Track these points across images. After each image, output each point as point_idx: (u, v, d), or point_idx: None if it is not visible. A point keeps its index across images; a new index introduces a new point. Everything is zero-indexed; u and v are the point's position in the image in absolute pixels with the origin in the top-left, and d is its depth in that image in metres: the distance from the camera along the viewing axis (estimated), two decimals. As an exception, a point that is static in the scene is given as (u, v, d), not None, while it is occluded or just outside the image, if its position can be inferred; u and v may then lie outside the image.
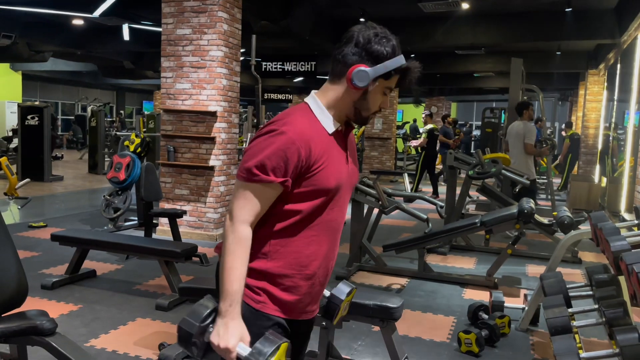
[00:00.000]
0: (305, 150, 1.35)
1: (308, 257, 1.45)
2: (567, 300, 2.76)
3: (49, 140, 10.46)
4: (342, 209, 1.52)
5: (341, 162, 1.47)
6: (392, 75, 1.40)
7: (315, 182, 1.39)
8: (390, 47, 1.39)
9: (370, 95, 1.42)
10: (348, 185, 1.51)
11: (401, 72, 1.41)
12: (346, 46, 1.40)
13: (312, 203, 1.41)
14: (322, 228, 1.46)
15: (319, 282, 1.51)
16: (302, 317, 1.52)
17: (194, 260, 5.00)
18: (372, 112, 1.46)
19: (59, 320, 3.44)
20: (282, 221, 1.42)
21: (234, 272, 1.35)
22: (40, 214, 7.20)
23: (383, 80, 1.40)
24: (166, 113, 6.09)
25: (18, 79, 17.42)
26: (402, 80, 1.44)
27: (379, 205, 4.71)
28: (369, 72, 1.37)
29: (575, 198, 8.96)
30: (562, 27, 8.46)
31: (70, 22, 9.59)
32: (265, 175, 1.35)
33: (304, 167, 1.37)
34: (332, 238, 1.50)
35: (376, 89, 1.42)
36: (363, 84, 1.38)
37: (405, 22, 9.29)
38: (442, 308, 4.06)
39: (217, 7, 5.73)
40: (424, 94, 19.46)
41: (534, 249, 6.08)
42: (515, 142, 6.23)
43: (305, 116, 1.43)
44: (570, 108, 17.81)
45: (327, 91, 1.46)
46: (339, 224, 1.53)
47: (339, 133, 1.47)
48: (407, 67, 1.40)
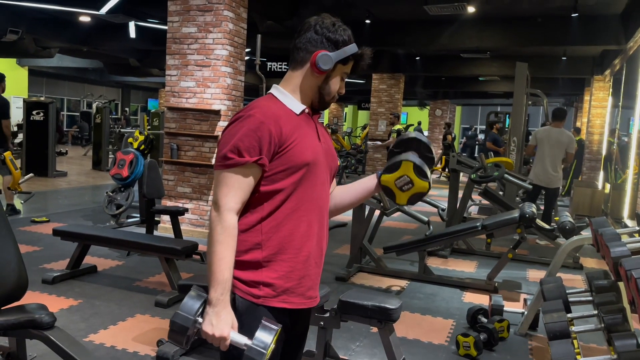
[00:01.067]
0: (275, 128, 1.41)
1: (301, 238, 1.48)
2: (567, 306, 2.76)
3: (53, 136, 10.50)
4: (324, 187, 1.55)
5: (313, 138, 1.52)
6: (349, 61, 1.51)
7: (292, 157, 1.44)
8: (347, 34, 1.50)
9: (331, 79, 1.52)
10: (326, 164, 1.56)
11: (356, 58, 1.52)
12: (306, 34, 1.50)
13: (292, 179, 1.45)
14: (308, 208, 1.49)
15: (315, 262, 1.53)
16: (303, 306, 1.52)
17: (194, 258, 5.00)
18: (333, 96, 1.56)
19: (58, 314, 3.46)
20: (269, 205, 1.45)
21: (224, 261, 1.38)
22: (43, 209, 7.22)
23: (341, 65, 1.51)
24: (170, 111, 6.10)
25: (24, 75, 17.50)
26: (356, 66, 1.55)
27: (380, 206, 4.71)
28: (332, 56, 1.47)
29: (578, 204, 8.94)
30: (568, 32, 8.45)
31: (77, 18, 9.63)
32: (240, 157, 1.39)
33: (276, 144, 1.41)
34: (320, 217, 1.53)
35: (335, 74, 1.52)
36: (327, 67, 1.47)
37: (410, 24, 9.29)
38: (442, 311, 4.06)
39: (223, 6, 5.74)
40: (429, 97, 19.46)
41: (535, 253, 6.07)
42: (556, 149, 6.07)
43: (271, 101, 1.50)
44: (575, 114, 17.76)
45: (290, 79, 1.54)
46: (325, 202, 1.57)
47: (306, 115, 1.53)
48: (361, 53, 1.52)
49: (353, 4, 8.09)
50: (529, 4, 7.90)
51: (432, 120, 20.58)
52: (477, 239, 6.18)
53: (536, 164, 6.21)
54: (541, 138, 6.19)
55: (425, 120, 21.94)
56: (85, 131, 19.27)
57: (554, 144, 6.08)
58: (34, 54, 12.03)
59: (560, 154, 6.08)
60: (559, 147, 6.07)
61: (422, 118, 22.90)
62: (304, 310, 1.55)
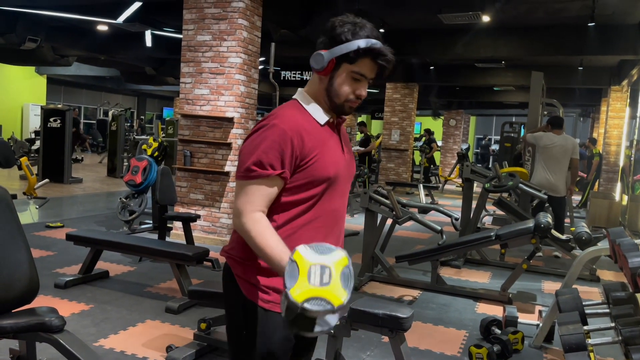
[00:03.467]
0: (298, 140, 1.37)
1: None
2: (583, 318, 2.70)
3: (70, 143, 10.63)
4: (343, 199, 1.53)
5: (337, 151, 1.49)
6: (356, 59, 1.40)
7: (314, 171, 1.40)
8: (351, 32, 1.39)
9: (336, 80, 1.43)
10: (346, 175, 1.53)
11: (367, 55, 1.40)
12: (321, 36, 1.46)
13: (312, 192, 1.43)
14: (326, 218, 1.47)
15: None
16: None
17: (205, 265, 5.01)
18: (345, 99, 1.45)
19: (69, 319, 3.47)
20: (286, 214, 1.43)
21: (271, 245, 1.32)
22: (58, 215, 7.29)
23: (347, 64, 1.41)
24: (184, 118, 6.14)
25: (43, 83, 17.79)
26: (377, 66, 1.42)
27: (392, 215, 4.67)
28: (324, 54, 1.41)
29: (595, 215, 8.79)
30: (584, 41, 8.35)
31: (95, 27, 9.78)
32: (264, 170, 1.36)
33: (298, 157, 1.38)
34: (336, 228, 1.52)
35: (342, 74, 1.43)
36: (318, 66, 1.41)
37: (425, 33, 9.28)
38: (454, 321, 3.99)
39: (238, 14, 5.78)
40: (443, 106, 19.37)
41: (550, 265, 5.96)
42: (560, 156, 5.86)
43: (296, 109, 1.46)
44: (592, 125, 17.56)
45: (310, 83, 1.51)
46: (342, 214, 1.54)
47: (331, 124, 1.50)
48: (370, 49, 1.39)
49: (367, 13, 8.09)
50: (544, 13, 7.84)
51: (446, 130, 20.48)
52: (491, 249, 6.09)
53: (538, 172, 5.92)
54: (545, 145, 5.88)
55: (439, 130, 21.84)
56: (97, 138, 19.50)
57: (560, 150, 5.85)
58: (53, 62, 12.23)
59: (565, 161, 5.87)
60: (564, 154, 5.85)
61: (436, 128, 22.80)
62: None
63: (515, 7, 7.38)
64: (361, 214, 7.69)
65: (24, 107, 17.24)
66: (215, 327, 3.12)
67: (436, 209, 5.02)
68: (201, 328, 3.09)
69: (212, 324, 3.10)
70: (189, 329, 3.46)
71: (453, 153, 19.59)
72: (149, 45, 9.93)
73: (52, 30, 9.97)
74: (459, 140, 20.37)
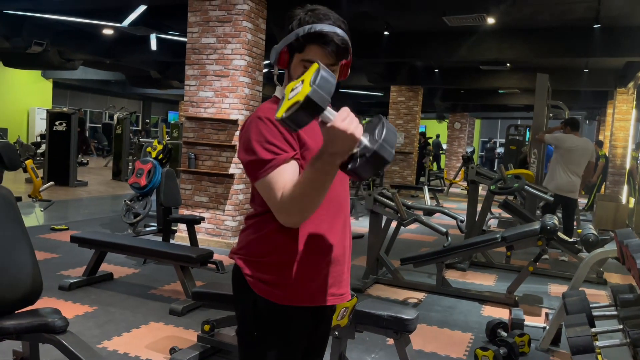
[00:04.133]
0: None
1: (322, 236, 1.44)
2: (590, 320, 2.66)
3: (75, 146, 10.67)
4: (343, 184, 1.51)
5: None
6: (303, 47, 1.36)
7: (310, 154, 1.37)
8: (297, 21, 1.37)
9: (292, 71, 1.41)
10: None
11: (314, 41, 1.35)
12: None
13: None
14: (328, 206, 1.43)
15: (337, 260, 1.48)
16: (330, 302, 1.48)
17: (209, 267, 4.99)
18: None
19: (73, 321, 3.46)
20: None
21: (305, 178, 1.25)
22: (64, 217, 7.31)
23: (298, 54, 1.38)
24: (189, 120, 6.15)
25: (49, 87, 17.89)
26: (326, 49, 1.35)
27: (397, 217, 4.65)
28: (276, 47, 1.40)
29: (602, 218, 8.73)
30: (590, 43, 8.31)
31: (100, 31, 9.82)
32: (276, 155, 1.32)
33: (295, 139, 1.37)
34: (341, 214, 1.50)
35: (295, 64, 1.40)
36: (272, 60, 1.41)
37: (429, 36, 9.25)
38: (460, 324, 3.96)
39: (242, 17, 5.79)
40: (447, 109, 19.34)
41: (557, 267, 5.92)
42: (582, 159, 5.91)
43: (274, 103, 1.46)
44: (598, 127, 17.47)
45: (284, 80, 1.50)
46: (345, 200, 1.52)
47: None
48: (308, 35, 1.34)
49: (371, 16, 8.09)
50: (549, 15, 7.81)
51: (451, 133, 20.43)
52: (497, 252, 6.05)
53: (558, 174, 5.87)
54: (569, 147, 5.85)
55: (444, 133, 21.78)
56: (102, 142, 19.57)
57: (582, 153, 5.88)
58: (58, 66, 12.28)
59: (584, 164, 5.93)
60: (585, 157, 5.91)
61: (440, 131, 22.77)
62: (328, 309, 1.51)
63: (520, 10, 7.36)
64: (366, 217, 7.67)
65: (30, 110, 17.34)
66: (219, 329, 3.10)
67: (441, 211, 4.99)
68: (205, 330, 3.08)
69: (215, 326, 3.08)
70: (192, 331, 3.45)
71: (458, 156, 19.53)
72: (154, 49, 9.96)
73: (57, 34, 10.02)
74: (464, 143, 20.31)
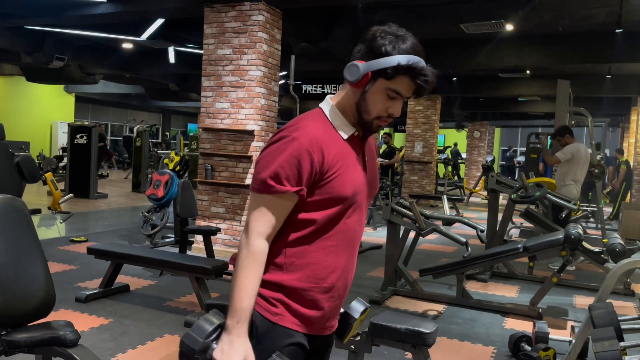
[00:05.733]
0: (318, 156, 1.29)
1: (326, 268, 1.37)
2: (619, 333, 2.54)
3: (95, 159, 10.81)
4: (360, 218, 1.43)
5: (357, 168, 1.39)
6: (394, 76, 1.29)
7: (331, 189, 1.32)
8: (392, 45, 1.29)
9: (369, 95, 1.33)
10: (366, 194, 1.43)
11: (408, 74, 1.29)
12: (357, 45, 1.35)
13: (328, 212, 1.34)
14: (339, 238, 1.37)
15: (338, 295, 1.42)
16: (321, 333, 1.43)
17: (225, 279, 4.95)
18: (375, 116, 1.35)
19: (88, 333, 3.45)
20: (297, 231, 1.35)
21: (245, 289, 1.29)
22: (83, 229, 7.37)
23: (384, 80, 1.30)
24: (205, 131, 6.16)
25: (71, 101, 18.24)
26: (416, 86, 1.32)
27: (415, 227, 4.56)
28: (360, 66, 1.30)
29: (628, 227, 8.47)
30: (612, 49, 8.14)
31: (120, 45, 9.98)
32: (280, 185, 1.29)
33: (317, 173, 1.30)
34: (350, 249, 1.42)
35: (376, 90, 1.32)
36: (353, 78, 1.31)
37: (446, 44, 9.17)
38: (481, 337, 3.84)
39: (258, 28, 5.80)
40: (467, 118, 19.15)
41: (582, 278, 5.74)
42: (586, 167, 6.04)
43: (318, 120, 1.36)
44: (622, 134, 17.10)
45: (339, 93, 1.41)
46: (357, 234, 1.44)
47: (355, 138, 1.40)
48: (409, 67, 1.28)
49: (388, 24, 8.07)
50: (570, 21, 7.66)
51: (470, 142, 20.23)
52: (519, 262, 5.90)
53: (573, 184, 5.92)
54: (585, 155, 5.92)
55: (463, 142, 21.57)
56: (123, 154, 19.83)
57: (585, 161, 6.00)
58: (80, 80, 12.51)
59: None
60: (587, 164, 6.02)
61: (460, 140, 22.55)
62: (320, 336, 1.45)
63: (540, 15, 7.23)
64: (384, 227, 7.57)
65: (53, 124, 17.68)
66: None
67: (461, 221, 4.89)
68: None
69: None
70: (207, 343, 3.40)
71: (478, 165, 19.29)
72: (172, 62, 10.07)
73: (78, 48, 10.21)
74: (484, 152, 20.08)
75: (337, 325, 1.52)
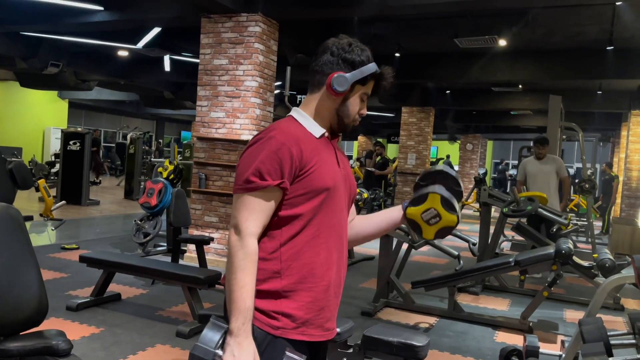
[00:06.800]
0: (296, 150, 1.37)
1: (321, 266, 1.42)
2: (608, 349, 2.58)
3: (88, 166, 10.76)
4: (343, 214, 1.50)
5: (333, 164, 1.48)
6: (368, 81, 1.48)
7: (311, 181, 1.39)
8: (365, 55, 1.47)
9: (350, 101, 1.48)
10: (345, 189, 1.51)
11: (376, 78, 1.49)
12: (322, 56, 1.47)
13: (312, 204, 1.40)
14: (328, 234, 1.44)
15: (334, 292, 1.47)
16: (322, 338, 1.46)
17: (218, 289, 4.94)
18: (353, 118, 1.51)
19: (79, 342, 3.43)
20: (288, 231, 1.40)
21: (246, 289, 1.33)
22: (75, 236, 7.33)
23: (360, 85, 1.48)
24: (200, 141, 6.17)
25: (64, 107, 18.18)
26: (377, 86, 1.51)
27: (408, 239, 4.59)
28: (348, 77, 1.44)
29: (618, 242, 8.55)
30: (603, 65, 8.27)
31: (115, 52, 9.98)
32: (262, 180, 1.35)
33: (297, 167, 1.38)
34: (339, 244, 1.48)
35: (354, 95, 1.48)
36: (343, 88, 1.43)
37: (441, 57, 9.27)
38: (472, 350, 3.86)
39: (254, 38, 5.84)
40: (459, 130, 19.30)
41: (572, 293, 5.78)
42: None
43: (291, 123, 1.47)
44: (612, 149, 17.29)
45: (308, 102, 1.50)
46: (344, 230, 1.51)
47: (325, 139, 1.50)
48: (381, 73, 1.48)
49: (383, 37, 8.14)
50: (562, 37, 7.80)
51: (462, 155, 20.34)
52: (511, 275, 5.94)
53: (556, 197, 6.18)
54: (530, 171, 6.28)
55: (455, 155, 21.70)
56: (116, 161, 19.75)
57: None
58: (74, 87, 12.49)
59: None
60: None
61: (452, 152, 22.68)
62: (322, 342, 1.47)
63: (533, 31, 7.35)
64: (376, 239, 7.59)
65: (45, 130, 17.60)
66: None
67: (453, 234, 4.91)
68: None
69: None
70: (199, 354, 3.39)
71: (470, 177, 19.39)
72: (168, 70, 10.10)
73: (73, 55, 10.21)
74: (476, 164, 20.19)
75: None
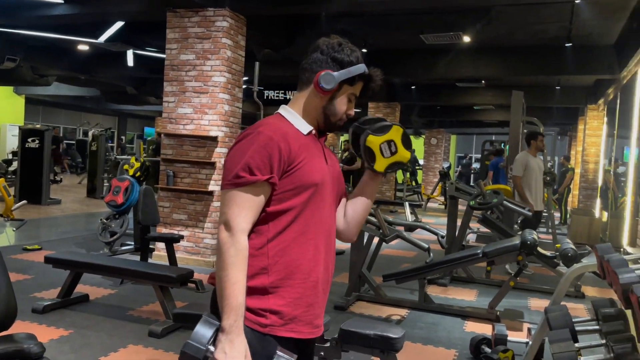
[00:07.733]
0: (284, 145, 1.38)
1: (308, 262, 1.43)
2: (574, 335, 2.67)
3: (48, 164, 10.42)
4: (331, 211, 1.52)
5: (321, 161, 1.49)
6: (356, 82, 1.49)
7: (300, 176, 1.40)
8: (354, 55, 1.48)
9: (337, 100, 1.49)
10: (333, 186, 1.52)
11: (364, 79, 1.50)
12: (312, 55, 1.49)
13: (300, 199, 1.41)
14: (315, 231, 1.45)
15: (322, 288, 1.48)
16: (311, 335, 1.46)
17: (189, 287, 4.89)
18: (339, 117, 1.52)
19: (48, 345, 3.33)
20: (275, 225, 1.40)
21: (238, 285, 1.33)
22: (36, 237, 7.10)
23: (348, 86, 1.49)
24: (167, 137, 6.07)
25: (21, 103, 17.52)
26: (365, 88, 1.53)
27: (379, 233, 4.65)
28: (335, 75, 1.45)
29: (576, 232, 8.89)
30: (562, 62, 8.54)
31: (75, 47, 9.67)
32: (252, 175, 1.35)
33: (286, 162, 1.38)
34: (327, 241, 1.49)
35: (341, 94, 1.50)
36: (329, 86, 1.45)
37: (407, 53, 9.38)
38: (443, 341, 3.95)
39: (222, 34, 5.78)
40: (424, 125, 19.57)
41: (535, 282, 5.98)
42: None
43: (279, 120, 1.48)
44: (570, 143, 17.89)
45: (296, 100, 1.52)
46: (332, 226, 1.53)
47: (313, 137, 1.51)
48: (369, 74, 1.50)
49: (350, 33, 8.18)
50: (523, 34, 8.01)
51: (427, 149, 20.66)
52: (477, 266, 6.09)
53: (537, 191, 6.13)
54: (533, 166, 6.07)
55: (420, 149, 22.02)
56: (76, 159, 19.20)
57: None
58: (32, 82, 12.05)
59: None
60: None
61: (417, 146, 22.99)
62: (310, 339, 1.48)
63: (496, 29, 7.53)
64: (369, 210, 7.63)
65: (1, 127, 16.94)
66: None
67: (423, 227, 5.02)
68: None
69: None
70: (173, 353, 3.36)
71: (435, 171, 19.73)
72: (131, 65, 9.85)
73: (31, 49, 9.83)
74: (440, 158, 20.55)
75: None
